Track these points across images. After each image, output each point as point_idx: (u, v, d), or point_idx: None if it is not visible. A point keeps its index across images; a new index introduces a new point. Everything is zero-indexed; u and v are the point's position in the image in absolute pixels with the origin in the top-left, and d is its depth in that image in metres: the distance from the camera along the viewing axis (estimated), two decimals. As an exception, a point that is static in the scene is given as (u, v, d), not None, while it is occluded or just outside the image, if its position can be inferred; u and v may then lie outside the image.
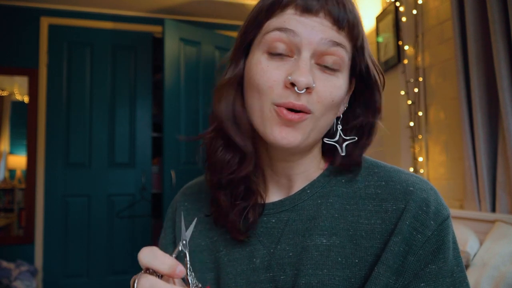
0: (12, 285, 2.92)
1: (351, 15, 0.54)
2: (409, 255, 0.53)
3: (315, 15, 0.53)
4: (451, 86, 2.24)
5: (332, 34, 0.53)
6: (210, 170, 0.62)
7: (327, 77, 0.54)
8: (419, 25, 2.50)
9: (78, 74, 3.56)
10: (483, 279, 1.54)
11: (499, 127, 1.90)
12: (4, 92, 3.52)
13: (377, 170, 0.61)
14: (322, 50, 0.53)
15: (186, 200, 0.72)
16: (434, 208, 0.55)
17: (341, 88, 0.56)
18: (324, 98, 0.54)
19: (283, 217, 0.61)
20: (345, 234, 0.57)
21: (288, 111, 0.53)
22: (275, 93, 0.54)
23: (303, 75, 0.51)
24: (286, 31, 0.53)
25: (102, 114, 3.60)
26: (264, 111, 0.55)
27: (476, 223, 1.91)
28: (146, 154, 3.68)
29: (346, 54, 0.55)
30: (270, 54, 0.55)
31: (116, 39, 3.65)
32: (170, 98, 3.23)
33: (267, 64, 0.55)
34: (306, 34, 0.53)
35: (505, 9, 1.80)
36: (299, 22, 0.53)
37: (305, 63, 0.53)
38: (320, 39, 0.53)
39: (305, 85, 0.51)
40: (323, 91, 0.54)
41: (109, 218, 3.54)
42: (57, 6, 3.49)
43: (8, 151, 3.53)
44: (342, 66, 0.55)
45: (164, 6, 3.54)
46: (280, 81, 0.54)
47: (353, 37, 0.55)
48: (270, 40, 0.54)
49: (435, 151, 2.40)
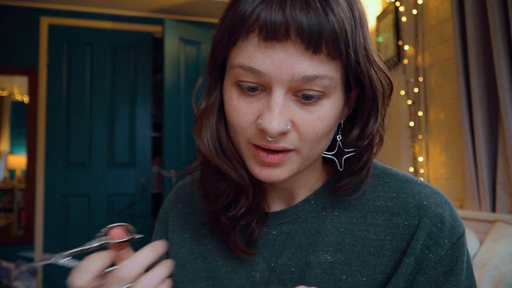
0: (12, 285, 2.92)
1: (328, 25, 0.42)
2: (419, 274, 0.49)
3: (284, 41, 0.42)
4: (451, 86, 2.24)
5: (306, 65, 0.43)
6: (206, 199, 0.57)
7: (308, 110, 0.46)
8: (419, 25, 2.50)
9: (78, 74, 3.56)
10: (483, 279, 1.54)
11: (499, 127, 1.90)
12: (4, 92, 3.52)
13: (388, 180, 0.55)
14: (297, 85, 0.44)
15: (179, 202, 0.67)
16: (449, 225, 0.50)
17: (327, 118, 0.47)
18: (306, 134, 0.47)
19: (284, 229, 0.57)
20: (351, 250, 0.52)
21: (265, 152, 0.48)
22: (249, 133, 0.48)
23: (274, 121, 0.44)
24: (251, 71, 0.44)
25: (102, 114, 3.60)
26: (242, 148, 0.50)
27: (476, 223, 1.91)
28: (146, 154, 3.68)
29: (329, 81, 0.45)
30: (240, 89, 0.47)
31: (116, 39, 3.65)
32: (170, 98, 3.23)
33: (238, 101, 0.48)
34: (274, 71, 0.43)
35: (505, 9, 1.80)
36: (265, 56, 0.43)
37: (276, 104, 0.44)
38: (291, 76, 0.43)
39: (276, 133, 0.44)
40: (304, 127, 0.46)
41: (109, 218, 3.54)
42: (57, 6, 3.49)
43: (8, 151, 3.53)
44: (328, 92, 0.46)
45: (164, 6, 3.54)
46: (252, 122, 0.47)
47: (335, 55, 0.44)
48: (236, 76, 0.47)
49: (435, 151, 2.40)
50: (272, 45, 0.43)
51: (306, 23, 0.41)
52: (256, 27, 0.43)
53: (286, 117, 0.45)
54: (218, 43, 0.48)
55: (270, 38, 0.42)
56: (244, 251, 0.56)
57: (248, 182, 0.53)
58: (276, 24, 0.42)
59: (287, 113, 0.46)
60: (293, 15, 0.41)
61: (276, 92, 0.45)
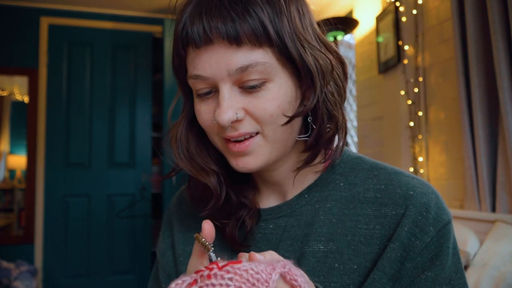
0: (12, 285, 2.92)
1: (245, 23, 0.48)
2: (406, 261, 0.52)
3: (210, 44, 0.50)
4: (451, 86, 2.24)
5: (235, 58, 0.49)
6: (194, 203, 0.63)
7: (255, 96, 0.51)
8: (419, 25, 2.50)
9: (78, 74, 3.56)
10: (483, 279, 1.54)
11: (499, 127, 1.90)
12: (4, 92, 3.52)
13: (377, 173, 0.59)
14: (237, 78, 0.51)
15: (184, 204, 0.71)
16: (434, 214, 0.53)
17: (277, 98, 0.52)
18: (260, 116, 0.52)
19: (281, 222, 0.61)
20: (343, 240, 0.56)
21: (233, 143, 0.53)
22: (215, 131, 0.55)
23: (222, 113, 0.50)
24: (198, 77, 0.52)
25: (102, 114, 3.60)
26: (217, 144, 0.57)
27: (476, 223, 1.91)
28: (146, 154, 3.68)
29: (263, 66, 0.50)
30: (199, 96, 0.55)
31: (116, 39, 3.65)
32: (170, 98, 3.23)
33: (200, 106, 0.55)
34: (213, 72, 0.50)
35: (505, 9, 1.80)
36: (202, 62, 0.51)
37: (223, 98, 0.51)
38: (227, 72, 0.50)
39: (227, 122, 0.50)
40: (256, 111, 0.51)
41: (109, 218, 3.54)
42: (57, 6, 3.50)
43: (8, 151, 3.53)
44: (269, 76, 0.51)
45: (164, 6, 3.54)
46: (212, 121, 0.54)
47: (261, 40, 0.49)
48: (192, 86, 0.55)
49: (435, 151, 2.40)
50: (203, 50, 0.50)
51: (222, 24, 0.48)
52: (189, 40, 0.51)
53: (235, 107, 0.51)
54: (173, 63, 0.56)
55: (199, 45, 0.50)
56: (239, 244, 0.60)
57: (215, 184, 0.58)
58: (199, 32, 0.49)
59: (235, 103, 0.51)
60: (209, 20, 0.49)
61: (221, 89, 0.51)
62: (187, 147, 0.60)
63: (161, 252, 0.71)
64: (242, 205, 0.61)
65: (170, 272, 0.68)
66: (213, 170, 0.59)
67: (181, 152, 0.59)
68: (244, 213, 0.60)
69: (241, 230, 0.61)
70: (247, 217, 0.60)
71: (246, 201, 0.61)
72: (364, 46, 3.04)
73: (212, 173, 0.59)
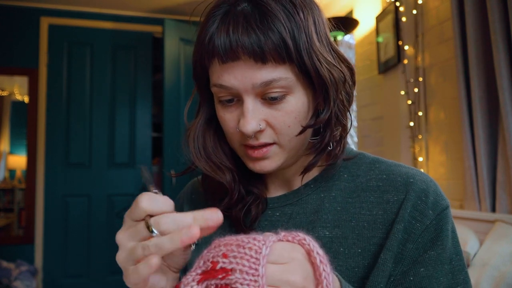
0: (12, 285, 2.92)
1: (268, 38, 0.51)
2: (408, 242, 0.55)
3: (237, 60, 0.53)
4: (451, 86, 2.24)
5: (260, 74, 0.53)
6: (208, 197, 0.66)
7: (276, 108, 0.55)
8: (419, 25, 2.50)
9: (78, 74, 3.56)
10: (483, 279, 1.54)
11: (499, 127, 1.90)
12: (4, 92, 3.52)
13: (378, 165, 0.63)
14: (260, 91, 0.54)
15: (193, 193, 0.75)
16: (432, 199, 0.57)
17: (294, 111, 0.56)
18: (280, 129, 0.56)
19: (287, 210, 0.64)
20: (347, 226, 0.59)
21: (252, 149, 0.57)
22: (237, 137, 0.58)
23: (247, 124, 0.54)
24: (222, 87, 0.55)
25: (102, 114, 3.60)
26: (236, 149, 0.61)
27: (476, 223, 1.91)
28: (146, 154, 3.68)
29: (286, 81, 0.54)
30: (222, 103, 0.58)
31: (116, 39, 3.65)
32: (170, 98, 3.23)
33: (223, 113, 0.58)
34: (238, 84, 0.54)
35: (505, 9, 1.80)
36: (228, 74, 0.54)
37: (247, 109, 0.54)
38: (252, 85, 0.54)
39: (251, 133, 0.54)
40: (276, 123, 0.56)
41: (109, 218, 3.55)
42: (57, 6, 3.50)
43: (8, 151, 3.53)
44: (290, 90, 0.55)
45: (164, 6, 3.54)
46: (235, 126, 0.57)
47: (284, 56, 0.53)
48: (216, 93, 0.58)
49: (435, 151, 2.40)
50: (230, 65, 0.54)
51: (249, 43, 0.51)
52: (215, 53, 0.54)
53: (258, 118, 0.55)
54: (195, 69, 0.59)
55: (226, 61, 0.53)
56: (244, 227, 0.63)
57: (229, 181, 0.62)
58: (227, 49, 0.52)
59: (258, 114, 0.55)
60: (236, 39, 0.52)
61: (245, 100, 0.55)
62: (204, 146, 0.63)
63: None
64: (250, 192, 0.64)
65: None
66: (228, 167, 0.63)
67: (197, 151, 0.63)
68: (251, 200, 0.64)
69: (248, 217, 0.64)
70: (253, 205, 0.63)
71: (255, 190, 0.65)
72: (364, 46, 3.04)
73: (228, 170, 0.63)
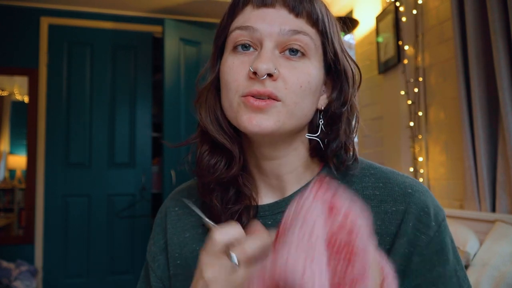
0: (12, 285, 2.92)
1: (307, 4, 0.55)
2: (413, 255, 0.54)
3: (272, 7, 0.55)
4: (451, 86, 2.24)
5: (291, 22, 0.54)
6: (199, 174, 0.62)
7: (293, 64, 0.55)
8: (419, 25, 2.50)
9: (78, 74, 3.56)
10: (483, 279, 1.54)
11: (499, 127, 1.90)
12: (4, 92, 3.52)
13: (373, 172, 0.61)
14: (284, 40, 0.54)
15: (176, 205, 0.71)
16: (433, 210, 0.56)
17: (309, 74, 0.55)
18: (291, 83, 0.54)
19: (279, 218, 0.60)
20: None
21: (254, 98, 0.54)
22: (241, 86, 0.55)
23: (263, 62, 0.52)
24: (246, 29, 0.55)
25: (102, 114, 3.60)
26: (233, 105, 0.56)
27: (476, 223, 1.91)
28: (146, 154, 3.68)
29: (310, 40, 0.55)
30: (235, 51, 0.57)
31: (116, 39, 3.65)
32: (170, 98, 3.23)
33: (232, 61, 0.56)
34: (265, 27, 0.54)
35: (505, 9, 1.80)
36: (257, 17, 0.55)
37: (265, 52, 0.54)
38: (279, 29, 0.54)
39: (265, 71, 0.52)
40: (289, 77, 0.54)
41: (109, 218, 3.54)
42: (57, 6, 3.49)
43: (8, 151, 3.53)
44: (309, 52, 0.55)
45: (164, 6, 3.54)
46: (244, 74, 0.55)
47: (314, 22, 0.56)
48: (233, 39, 0.57)
49: (435, 151, 2.40)
50: (262, 10, 0.55)
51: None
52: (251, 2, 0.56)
53: (273, 63, 0.53)
54: (221, 23, 0.60)
55: (262, 4, 0.55)
56: None
57: (237, 151, 0.60)
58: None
59: (274, 61, 0.54)
60: None
61: (265, 45, 0.54)
62: (215, 113, 0.61)
63: (152, 255, 0.70)
64: (242, 196, 0.61)
65: (162, 276, 0.68)
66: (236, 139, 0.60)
67: (208, 116, 0.60)
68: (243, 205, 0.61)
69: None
70: (244, 213, 0.61)
71: (246, 191, 0.61)
72: (364, 46, 3.04)
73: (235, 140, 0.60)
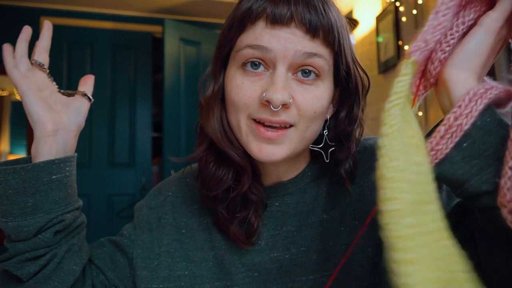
0: (12, 285, 2.92)
1: (324, 20, 0.51)
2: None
3: (287, 26, 0.51)
4: (451, 86, 2.24)
5: (306, 44, 0.51)
6: (205, 186, 0.60)
7: (306, 89, 0.52)
8: (419, 25, 2.50)
9: (78, 74, 3.55)
10: (483, 279, 1.54)
11: (499, 127, 1.90)
12: (4, 92, 3.52)
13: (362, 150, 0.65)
14: (298, 62, 0.51)
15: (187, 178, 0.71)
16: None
17: (322, 98, 0.54)
18: (305, 110, 0.52)
19: (286, 200, 0.62)
20: (343, 204, 0.60)
21: (265, 128, 0.52)
22: (251, 109, 0.53)
23: (278, 92, 0.49)
24: (259, 48, 0.51)
25: (102, 114, 3.60)
26: (241, 126, 0.54)
27: (476, 223, 1.91)
28: (146, 154, 3.68)
29: (324, 62, 0.52)
30: (244, 69, 0.53)
31: (116, 39, 3.65)
32: (170, 98, 3.23)
33: (241, 80, 0.53)
34: (279, 48, 0.51)
35: (505, 9, 1.80)
36: (271, 36, 0.51)
37: (280, 78, 0.50)
38: (294, 52, 0.51)
39: (280, 103, 0.50)
40: (303, 103, 0.52)
41: (109, 218, 3.55)
42: (57, 6, 3.50)
43: (8, 151, 3.53)
44: (322, 75, 0.53)
45: (164, 6, 3.54)
46: (255, 98, 0.52)
47: (329, 43, 0.53)
48: (243, 56, 0.53)
49: (435, 151, 2.40)
50: (278, 28, 0.51)
51: (308, 15, 0.50)
52: (263, 14, 0.51)
53: (288, 92, 0.51)
54: (227, 33, 0.56)
55: (276, 22, 0.51)
56: (244, 242, 0.60)
57: (248, 163, 0.57)
58: (282, 12, 0.50)
59: (288, 88, 0.51)
60: (296, 8, 0.50)
61: (279, 68, 0.51)
62: (222, 124, 0.58)
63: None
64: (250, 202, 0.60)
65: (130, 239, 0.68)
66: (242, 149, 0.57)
67: (218, 131, 0.57)
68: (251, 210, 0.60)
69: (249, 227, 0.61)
70: (253, 215, 0.60)
71: (254, 198, 0.60)
72: (364, 46, 3.04)
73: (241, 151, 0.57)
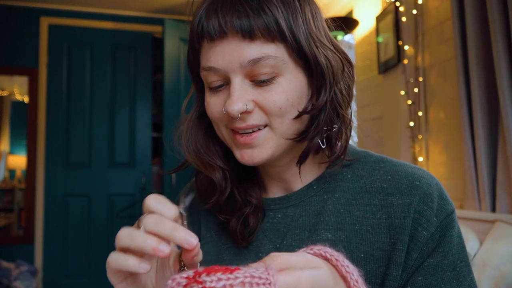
0: (12, 285, 2.92)
1: (259, 18, 0.51)
2: (413, 251, 0.53)
3: (224, 38, 0.52)
4: (451, 86, 2.24)
5: (248, 51, 0.51)
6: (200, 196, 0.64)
7: (266, 89, 0.53)
8: (419, 25, 2.50)
9: (78, 74, 3.56)
10: (483, 279, 1.54)
11: (499, 127, 1.90)
12: (4, 92, 3.52)
13: (383, 165, 0.60)
14: (249, 70, 0.52)
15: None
16: (437, 204, 0.54)
17: (286, 92, 0.53)
18: (270, 110, 0.53)
19: (289, 212, 0.62)
20: (350, 229, 0.57)
21: (240, 135, 0.55)
22: (224, 122, 0.56)
23: (232, 104, 0.52)
24: (210, 69, 0.54)
25: (102, 114, 3.60)
26: (225, 137, 0.58)
27: (476, 223, 1.91)
28: (146, 154, 3.68)
29: (274, 60, 0.52)
30: (210, 89, 0.56)
31: (116, 39, 3.65)
32: (170, 98, 3.23)
33: (210, 98, 0.57)
34: (225, 64, 0.52)
35: (505, 9, 1.80)
36: (216, 54, 0.53)
37: (234, 90, 0.52)
38: (239, 63, 0.51)
39: (237, 113, 0.52)
40: (265, 104, 0.53)
41: (109, 218, 3.54)
42: (57, 6, 3.50)
43: (8, 151, 3.53)
44: (279, 71, 0.53)
45: (164, 6, 3.54)
46: (221, 112, 0.55)
47: (273, 35, 0.51)
48: (204, 78, 0.56)
49: (435, 151, 2.40)
50: (217, 43, 0.52)
51: (237, 21, 0.50)
52: (204, 34, 0.53)
53: (245, 99, 0.53)
54: (188, 57, 0.58)
55: (213, 38, 0.52)
56: (243, 240, 0.61)
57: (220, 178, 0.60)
58: (214, 26, 0.51)
59: (246, 95, 0.53)
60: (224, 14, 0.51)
61: (233, 80, 0.53)
62: (196, 141, 0.61)
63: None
64: (247, 202, 0.62)
65: None
66: (219, 166, 0.61)
67: (190, 145, 0.61)
68: (247, 210, 0.61)
69: (246, 229, 0.62)
70: (251, 215, 0.61)
71: (252, 199, 0.62)
72: (364, 46, 3.04)
73: (218, 168, 0.60)
